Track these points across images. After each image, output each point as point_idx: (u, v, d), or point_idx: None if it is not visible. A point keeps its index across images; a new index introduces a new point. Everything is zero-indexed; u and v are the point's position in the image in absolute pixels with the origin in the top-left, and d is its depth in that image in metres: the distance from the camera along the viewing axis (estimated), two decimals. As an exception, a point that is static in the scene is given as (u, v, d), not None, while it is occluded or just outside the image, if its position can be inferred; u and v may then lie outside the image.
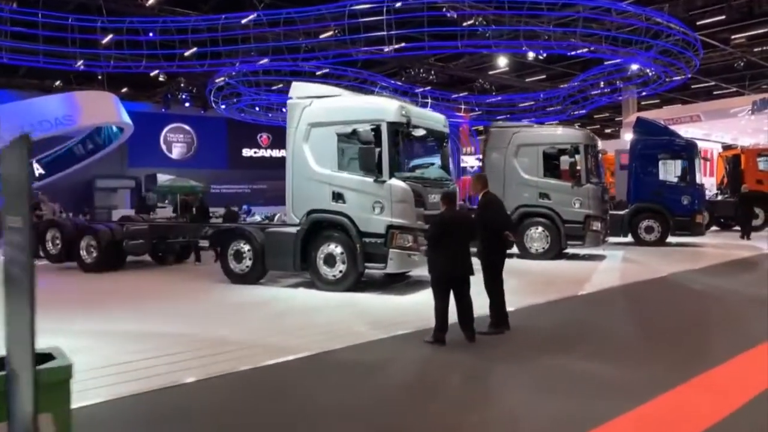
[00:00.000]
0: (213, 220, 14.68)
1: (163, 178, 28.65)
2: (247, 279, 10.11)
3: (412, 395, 4.76)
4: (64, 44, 17.48)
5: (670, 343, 6.26)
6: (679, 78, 20.73)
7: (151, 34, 17.98)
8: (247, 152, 37.86)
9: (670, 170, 16.60)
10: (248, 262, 10.12)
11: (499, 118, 27.42)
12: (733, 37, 28.87)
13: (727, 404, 4.36)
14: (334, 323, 7.25)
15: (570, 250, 14.09)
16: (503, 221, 6.82)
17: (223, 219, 14.29)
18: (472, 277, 6.25)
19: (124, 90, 33.32)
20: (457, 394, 4.89)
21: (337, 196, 9.14)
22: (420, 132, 9.10)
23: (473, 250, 6.34)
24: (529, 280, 10.40)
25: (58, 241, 12.73)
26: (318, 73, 23.73)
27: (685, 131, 37.38)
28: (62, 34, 17.26)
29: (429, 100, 28.12)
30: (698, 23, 25.94)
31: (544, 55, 22.28)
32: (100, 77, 24.60)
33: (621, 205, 17.35)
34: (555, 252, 13.24)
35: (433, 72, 26.61)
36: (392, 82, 26.70)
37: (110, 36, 17.98)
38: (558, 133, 13.75)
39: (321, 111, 9.41)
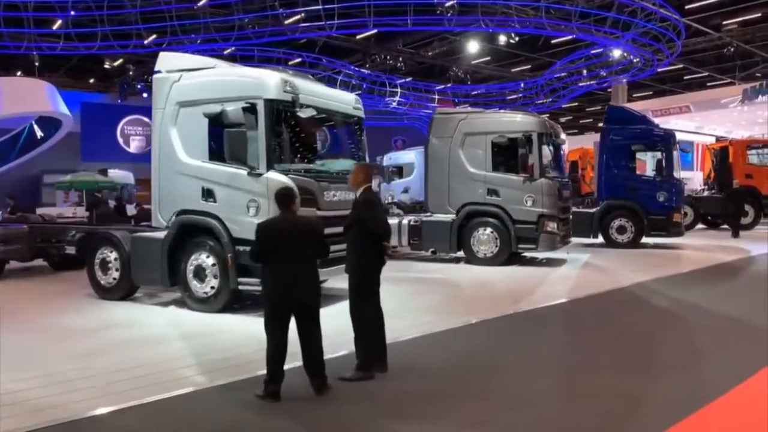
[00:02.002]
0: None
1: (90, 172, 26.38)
2: (114, 294, 8.30)
3: None
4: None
5: (594, 400, 4.48)
6: (659, 62, 18.88)
7: (72, 13, 16.09)
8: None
9: (644, 163, 14.84)
10: (115, 274, 8.29)
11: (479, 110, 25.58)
12: (724, 22, 27.14)
13: None
14: (161, 363, 5.44)
15: (528, 254, 12.33)
16: (383, 227, 5.05)
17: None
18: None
19: (87, 80, 31.62)
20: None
21: (207, 193, 7.33)
22: (311, 112, 7.25)
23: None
24: (456, 294, 8.67)
25: None
26: (291, 62, 22.03)
27: (675, 123, 35.84)
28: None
29: (399, 90, 26.38)
30: (687, 7, 24.20)
31: (516, 38, 20.44)
32: (37, 63, 22.63)
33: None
34: (505, 257, 11.46)
35: (401, 59, 24.75)
36: (365, 72, 24.96)
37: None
38: (507, 120, 11.91)
39: (191, 87, 7.57)
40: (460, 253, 12.03)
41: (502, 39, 21.00)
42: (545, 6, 14.47)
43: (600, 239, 14.95)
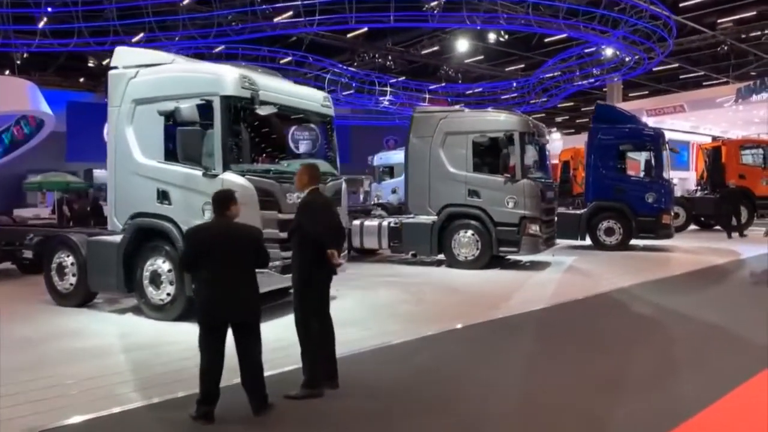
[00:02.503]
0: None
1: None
2: (71, 300, 7.92)
3: None
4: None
5: (556, 418, 4.11)
6: (650, 60, 18.52)
7: (49, 9, 15.69)
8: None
9: (633, 164, 14.49)
10: (72, 279, 7.91)
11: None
12: (719, 21, 26.81)
13: None
14: (97, 378, 5.06)
15: (512, 257, 11.96)
16: (323, 233, 4.62)
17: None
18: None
19: (76, 79, 31.19)
20: None
21: (162, 195, 6.95)
22: (271, 110, 6.86)
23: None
24: (430, 300, 8.33)
25: None
26: (283, 60, 21.58)
27: (671, 123, 35.52)
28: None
29: (389, 90, 25.97)
30: (681, 5, 23.86)
31: (506, 36, 20.06)
32: (18, 62, 22.19)
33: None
34: (486, 260, 11.10)
35: (390, 58, 24.35)
36: (353, 70, 24.55)
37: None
38: (488, 119, 11.53)
39: (147, 84, 7.20)
40: (442, 256, 11.67)
41: (492, 37, 20.60)
42: (532, 2, 14.09)
43: (588, 241, 14.60)
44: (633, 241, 14.53)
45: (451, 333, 6.40)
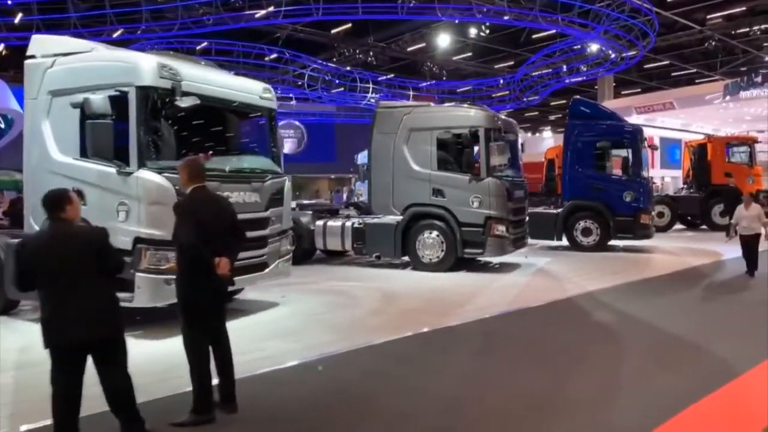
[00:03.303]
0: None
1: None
2: (-9, 308, 7.36)
3: None
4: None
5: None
6: (632, 55, 17.98)
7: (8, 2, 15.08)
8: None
9: (610, 161, 13.96)
10: (-8, 285, 7.36)
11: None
12: (708, 17, 26.33)
13: None
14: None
15: (482, 259, 11.42)
16: (188, 239, 3.93)
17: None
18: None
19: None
20: None
21: (78, 195, 6.36)
22: (193, 101, 6.27)
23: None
24: (378, 307, 7.79)
25: None
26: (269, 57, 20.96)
27: (662, 121, 35.05)
28: None
29: (371, 86, 25.41)
30: (668, 0, 23.35)
31: (488, 31, 19.51)
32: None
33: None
34: (451, 262, 10.56)
35: (372, 54, 23.77)
36: (332, 66, 23.94)
37: None
38: (453, 115, 10.98)
39: (63, 74, 6.62)
40: (408, 258, 11.13)
41: (474, 32, 20.05)
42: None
43: (565, 242, 14.10)
44: (613, 242, 14.05)
45: (383, 346, 5.85)
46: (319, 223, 11.87)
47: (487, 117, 10.54)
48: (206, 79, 6.78)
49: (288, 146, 36.29)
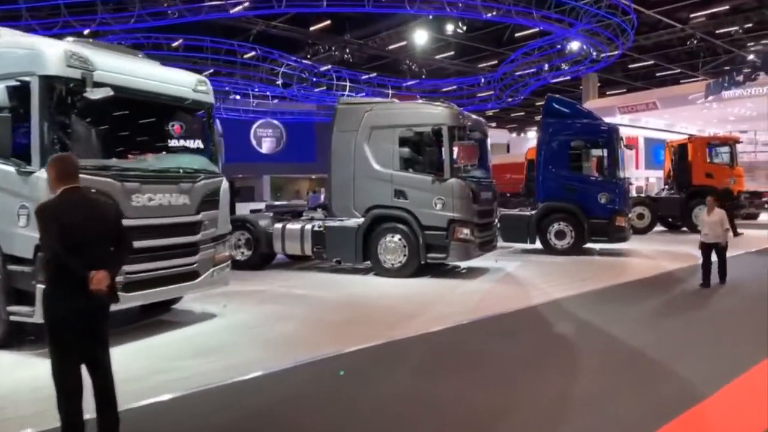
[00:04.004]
0: None
1: None
2: None
3: None
4: None
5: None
6: (610, 54, 17.54)
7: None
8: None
9: (586, 161, 13.47)
10: None
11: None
12: (691, 15, 26.01)
13: None
14: None
15: (449, 263, 10.85)
16: (54, 248, 3.34)
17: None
18: None
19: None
20: None
21: (-24, 197, 5.75)
22: (105, 93, 5.64)
23: None
24: (321, 318, 7.17)
25: None
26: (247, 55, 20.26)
27: (646, 122, 34.75)
28: None
29: (348, 85, 24.80)
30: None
31: (464, 27, 18.99)
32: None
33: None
34: (414, 267, 10.00)
35: (348, 51, 23.17)
36: (307, 64, 23.26)
37: None
38: (415, 112, 10.41)
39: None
40: (370, 263, 10.56)
41: (450, 28, 19.52)
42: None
43: (539, 245, 13.59)
44: (590, 245, 13.57)
45: (313, 365, 5.25)
46: (278, 226, 11.26)
47: (451, 114, 9.98)
48: (126, 69, 6.14)
49: (267, 146, 35.74)
